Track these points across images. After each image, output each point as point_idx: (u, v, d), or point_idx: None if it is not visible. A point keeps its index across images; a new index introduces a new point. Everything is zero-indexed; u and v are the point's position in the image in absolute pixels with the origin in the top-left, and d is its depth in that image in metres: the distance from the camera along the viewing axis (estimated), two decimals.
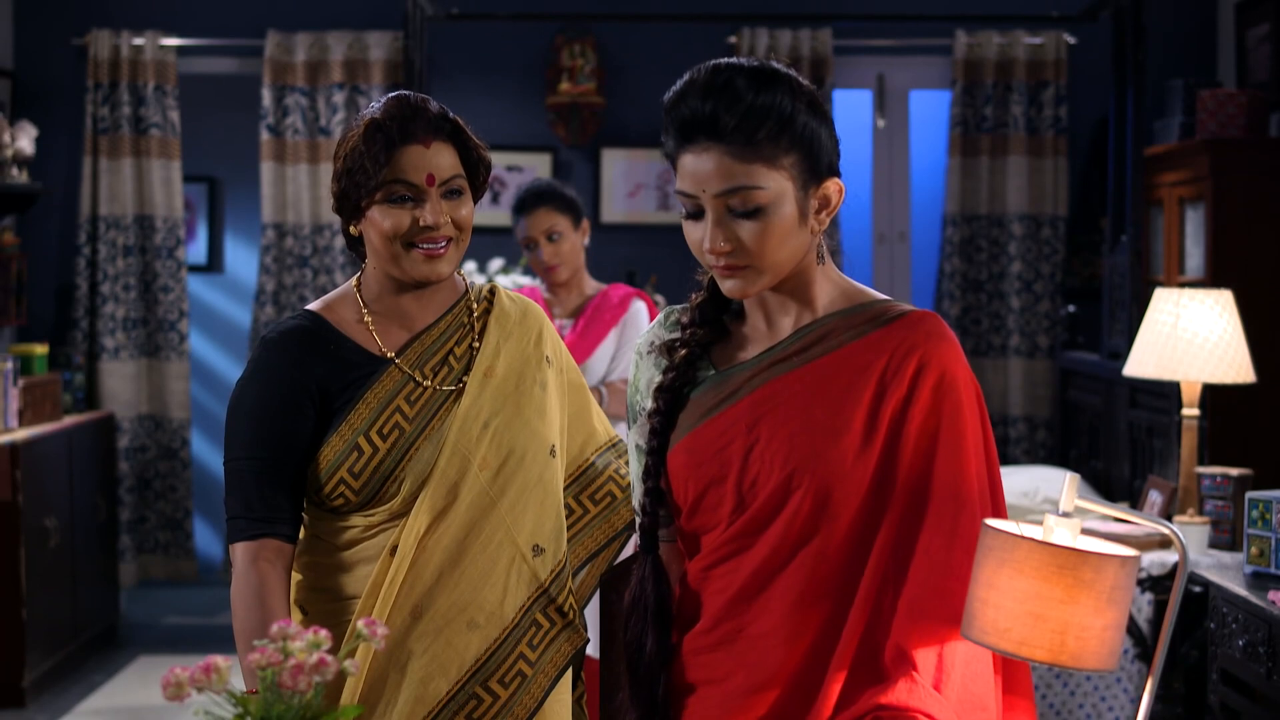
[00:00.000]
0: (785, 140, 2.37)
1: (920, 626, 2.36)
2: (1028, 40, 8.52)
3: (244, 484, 2.78)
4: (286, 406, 2.79)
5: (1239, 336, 5.33)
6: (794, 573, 2.41)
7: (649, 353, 2.62)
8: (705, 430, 2.49)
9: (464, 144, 2.92)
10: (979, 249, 8.63)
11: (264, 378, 2.82)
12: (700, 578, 2.51)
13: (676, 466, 2.51)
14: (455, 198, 2.86)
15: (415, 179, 2.80)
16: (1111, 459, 7.19)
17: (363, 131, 2.81)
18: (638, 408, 2.63)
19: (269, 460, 2.78)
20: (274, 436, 2.78)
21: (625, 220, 8.60)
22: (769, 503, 2.42)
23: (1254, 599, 4.16)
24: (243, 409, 2.82)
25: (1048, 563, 2.21)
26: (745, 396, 2.47)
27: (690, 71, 2.44)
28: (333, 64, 8.54)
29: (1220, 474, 5.15)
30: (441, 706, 2.78)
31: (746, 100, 2.35)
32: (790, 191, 2.38)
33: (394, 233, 2.79)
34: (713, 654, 2.48)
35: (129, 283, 8.57)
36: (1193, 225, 7.43)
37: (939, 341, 2.43)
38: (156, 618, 8.25)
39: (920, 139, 9.25)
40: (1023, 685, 2.49)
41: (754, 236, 2.37)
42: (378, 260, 2.86)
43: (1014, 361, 8.55)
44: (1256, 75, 7.88)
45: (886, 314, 2.48)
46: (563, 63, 8.56)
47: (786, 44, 8.51)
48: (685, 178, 2.40)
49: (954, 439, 2.40)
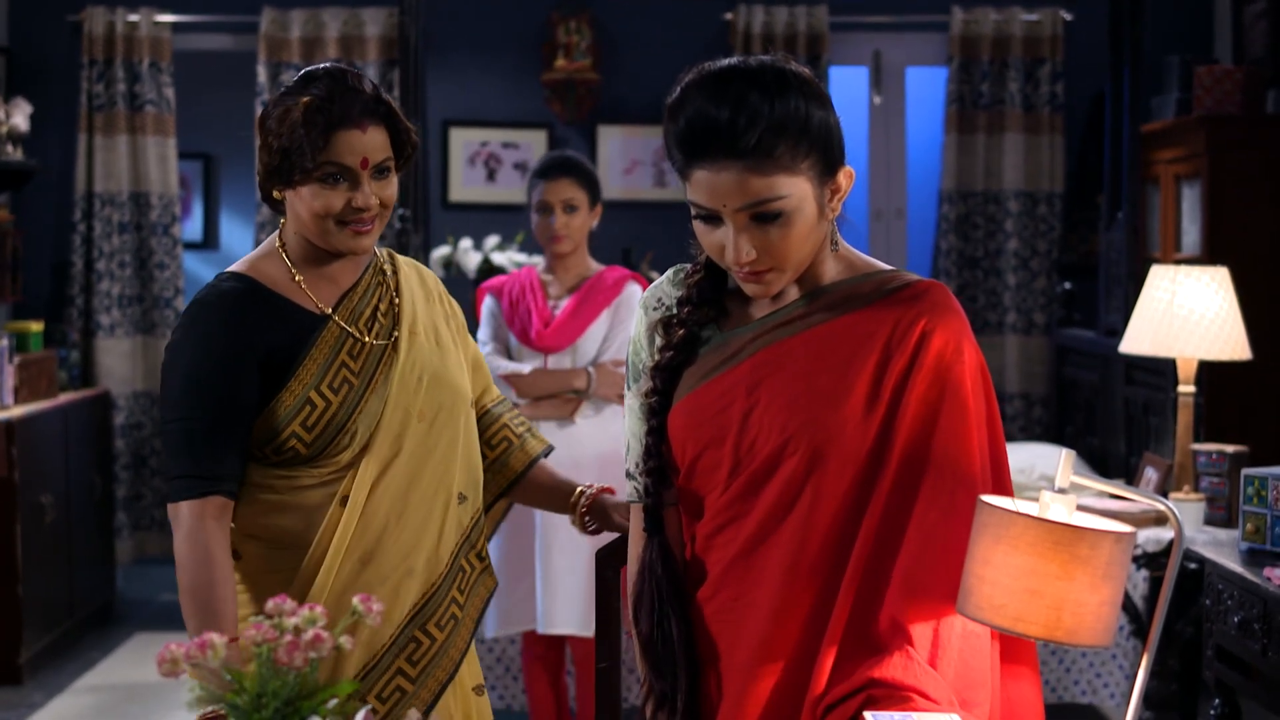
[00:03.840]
0: (804, 146, 2.33)
1: (916, 600, 2.34)
2: (1024, 17, 8.51)
3: (191, 443, 2.83)
4: (229, 369, 2.86)
5: (1235, 313, 5.32)
6: (787, 540, 2.39)
7: (655, 309, 2.60)
8: (705, 392, 2.47)
9: (395, 126, 3.01)
10: (975, 226, 8.63)
11: (203, 340, 2.89)
12: (703, 546, 2.49)
13: (676, 428, 2.49)
14: (384, 177, 2.97)
15: (350, 162, 2.90)
16: (1107, 436, 7.19)
17: (302, 112, 2.88)
18: (640, 365, 2.60)
19: (212, 420, 2.84)
20: (216, 398, 2.85)
21: (621, 197, 8.59)
22: (764, 465, 2.40)
23: (1249, 576, 4.17)
24: (181, 371, 2.88)
25: (1043, 539, 2.21)
26: (747, 359, 2.45)
27: (692, 76, 2.38)
28: (328, 40, 8.52)
29: (1216, 451, 5.15)
30: (384, 650, 2.91)
31: (764, 116, 2.29)
32: (810, 192, 2.36)
33: (325, 212, 2.90)
34: (715, 628, 2.46)
35: (124, 260, 8.56)
36: (1189, 202, 7.43)
37: (944, 312, 2.42)
38: (152, 594, 8.25)
39: (916, 116, 9.25)
40: (1027, 654, 2.48)
41: (779, 241, 2.35)
42: (302, 229, 2.97)
43: (1010, 338, 8.56)
44: (1253, 51, 7.87)
45: (892, 283, 2.47)
46: (558, 39, 8.55)
47: (783, 20, 8.49)
48: (702, 192, 2.35)
49: (955, 411, 2.39)
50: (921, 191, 9.28)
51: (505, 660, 5.90)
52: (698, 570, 2.50)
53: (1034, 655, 2.50)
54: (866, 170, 8.95)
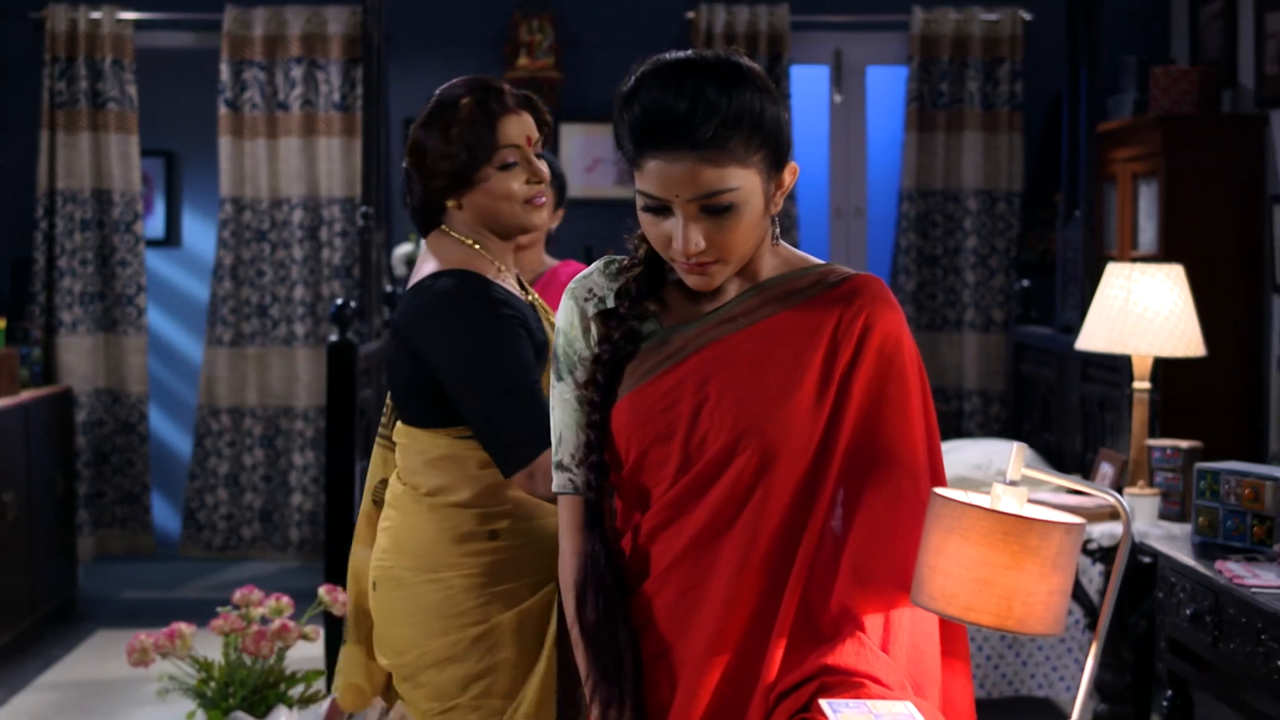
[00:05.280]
0: (756, 140, 2.35)
1: (865, 588, 2.37)
2: (984, 16, 8.58)
3: (538, 400, 3.08)
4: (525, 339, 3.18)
5: (1190, 310, 5.38)
6: (737, 535, 2.40)
7: (586, 300, 2.58)
8: (651, 387, 2.47)
9: (535, 109, 3.37)
10: (935, 224, 8.69)
11: (507, 320, 3.15)
12: (648, 538, 2.48)
13: (620, 423, 2.49)
14: (541, 157, 3.35)
15: (520, 142, 3.27)
16: (1064, 432, 7.26)
17: (469, 111, 3.24)
18: (574, 355, 2.57)
19: (535, 381, 3.15)
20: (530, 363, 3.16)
21: (583, 195, 8.62)
22: (714, 461, 2.41)
23: (1201, 569, 4.22)
24: (503, 342, 3.14)
25: (994, 529, 2.25)
26: (692, 355, 2.46)
27: (647, 67, 2.39)
28: (291, 38, 8.54)
29: (1170, 446, 5.20)
30: None
31: (720, 109, 2.32)
32: (759, 186, 2.38)
33: (513, 195, 3.27)
34: (664, 621, 2.46)
35: (86, 257, 8.57)
36: (1146, 200, 7.50)
37: (884, 306, 2.45)
38: (114, 592, 8.25)
39: (877, 114, 9.30)
40: (959, 647, 2.50)
41: (726, 233, 2.37)
42: (488, 222, 3.29)
43: (969, 335, 8.62)
44: (1209, 52, 7.95)
45: (830, 277, 2.49)
46: (521, 38, 8.58)
47: (744, 20, 8.54)
48: (653, 181, 2.36)
49: (898, 401, 2.42)
50: (881, 190, 9.33)
51: None
52: (641, 562, 2.49)
53: (966, 648, 2.53)
54: (827, 168, 9.01)
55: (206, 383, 8.74)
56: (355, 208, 8.45)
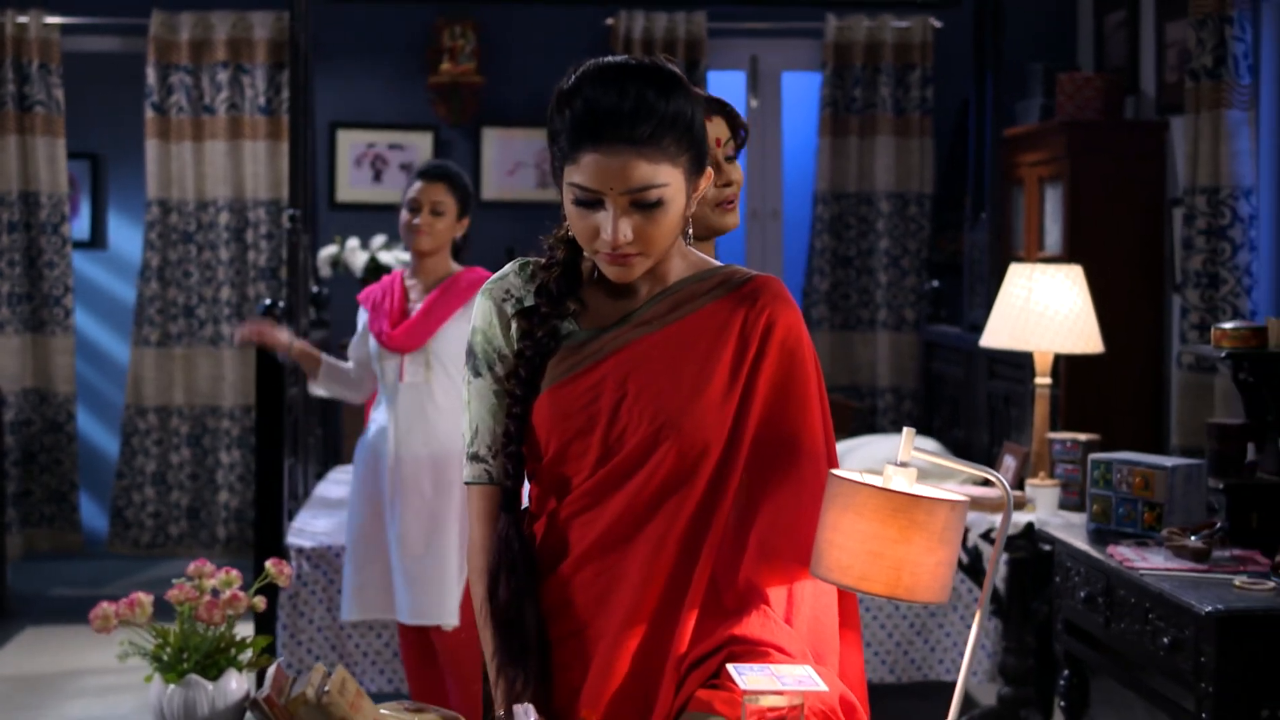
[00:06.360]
0: (685, 142, 2.53)
1: (770, 564, 2.56)
2: (895, 24, 8.76)
3: None
4: None
5: (1088, 309, 5.55)
6: (655, 522, 2.56)
7: (504, 300, 2.70)
8: (572, 384, 2.62)
9: (728, 113, 3.35)
10: (848, 226, 8.87)
11: None
12: (565, 523, 2.62)
13: (542, 417, 2.62)
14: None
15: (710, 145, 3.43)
16: (972, 427, 7.45)
17: None
18: (494, 352, 2.69)
19: None
20: None
21: (504, 198, 8.78)
22: (633, 454, 2.57)
23: (1094, 553, 4.42)
24: None
25: (884, 506, 2.43)
26: (611, 354, 2.61)
27: (588, 68, 2.54)
28: (217, 43, 8.65)
29: (1070, 439, 5.37)
30: None
31: (659, 110, 2.48)
32: (684, 186, 2.55)
33: (709, 198, 3.29)
34: (579, 600, 2.60)
35: (13, 259, 8.64)
36: (1051, 203, 7.69)
37: (784, 304, 2.64)
38: (43, 589, 8.28)
39: (792, 119, 9.47)
40: (851, 618, 2.71)
41: (652, 227, 2.52)
42: None
43: (881, 334, 8.81)
44: (1113, 60, 8.16)
45: (735, 278, 2.67)
46: (444, 43, 8.71)
47: (662, 26, 8.69)
48: (589, 174, 2.49)
49: (800, 392, 2.61)
50: (796, 193, 9.48)
51: (394, 646, 6.06)
52: (557, 546, 2.63)
53: (857, 618, 2.71)
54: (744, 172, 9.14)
55: (133, 382, 8.83)
56: (280, 210, 8.56)
